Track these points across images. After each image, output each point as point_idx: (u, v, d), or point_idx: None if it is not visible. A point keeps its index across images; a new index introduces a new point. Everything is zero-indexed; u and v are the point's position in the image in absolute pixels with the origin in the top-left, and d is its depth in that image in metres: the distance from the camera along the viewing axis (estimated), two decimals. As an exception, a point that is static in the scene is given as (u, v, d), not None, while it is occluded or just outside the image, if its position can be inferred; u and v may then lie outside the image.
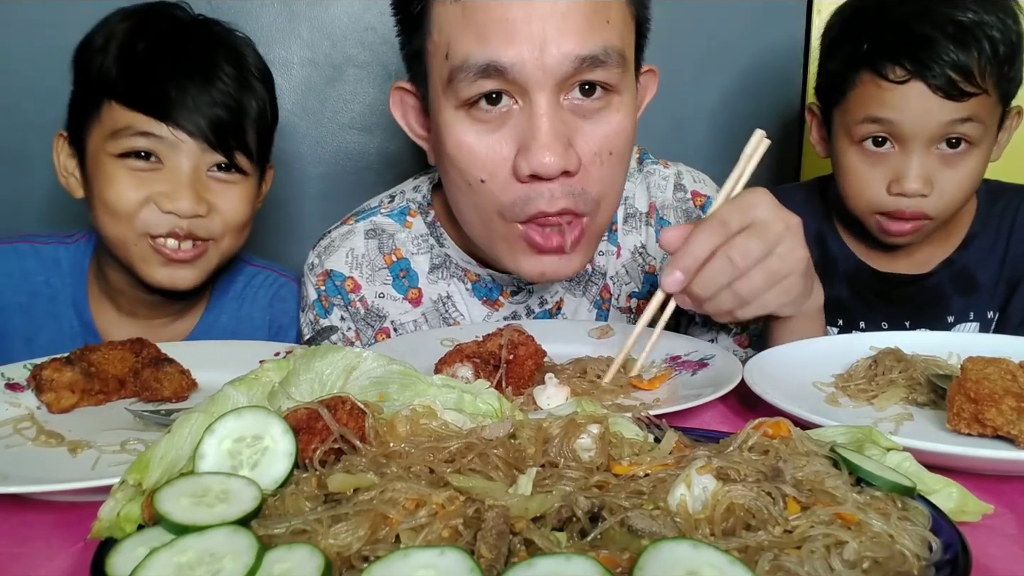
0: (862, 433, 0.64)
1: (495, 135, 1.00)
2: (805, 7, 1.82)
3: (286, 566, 0.46)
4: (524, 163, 0.97)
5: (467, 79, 0.98)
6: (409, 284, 1.24)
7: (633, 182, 1.28)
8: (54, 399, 0.91)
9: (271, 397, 0.66)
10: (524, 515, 0.51)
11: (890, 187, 1.28)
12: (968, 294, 1.42)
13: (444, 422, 0.64)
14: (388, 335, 1.23)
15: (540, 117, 0.97)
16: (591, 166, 1.01)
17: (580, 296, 1.26)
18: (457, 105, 1.01)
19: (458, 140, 1.02)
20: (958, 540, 0.51)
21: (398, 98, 1.16)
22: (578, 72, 0.98)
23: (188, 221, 1.17)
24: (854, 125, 1.29)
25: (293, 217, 1.77)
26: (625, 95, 1.04)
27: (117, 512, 0.55)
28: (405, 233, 1.25)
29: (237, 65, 1.22)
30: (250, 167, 1.24)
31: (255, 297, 1.39)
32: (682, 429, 0.66)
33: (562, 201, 1.00)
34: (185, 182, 1.16)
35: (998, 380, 0.75)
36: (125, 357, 0.98)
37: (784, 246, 0.90)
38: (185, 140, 1.16)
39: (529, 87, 0.97)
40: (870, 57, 1.26)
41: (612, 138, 1.02)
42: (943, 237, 1.42)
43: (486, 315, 1.25)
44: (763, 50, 1.83)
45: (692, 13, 1.78)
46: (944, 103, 1.22)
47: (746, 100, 1.85)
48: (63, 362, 0.94)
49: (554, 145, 0.96)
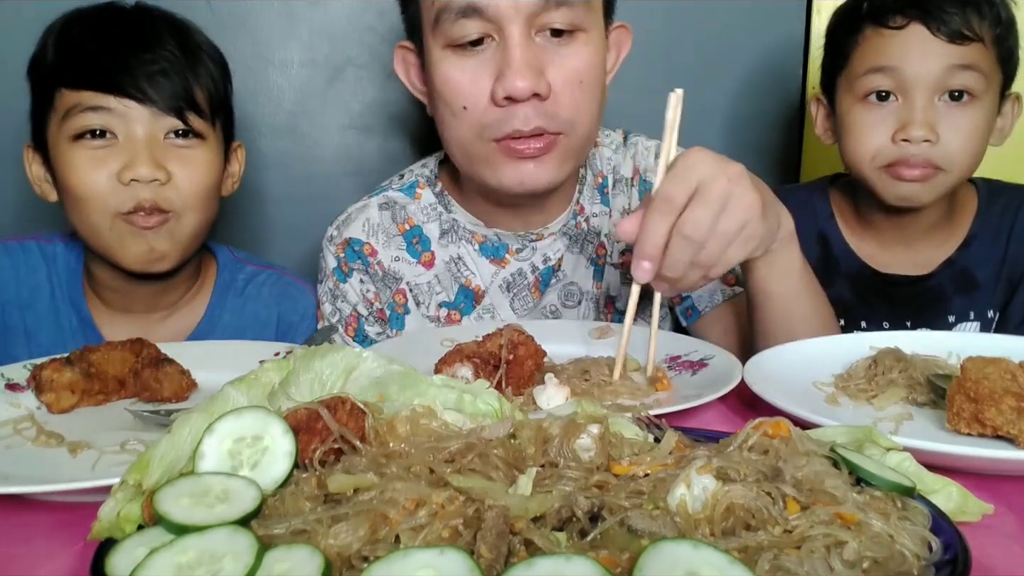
0: (862, 433, 0.64)
1: (475, 68, 1.13)
2: (804, 7, 1.82)
3: (286, 566, 0.46)
4: (500, 87, 1.10)
5: (449, 19, 1.11)
6: (422, 249, 1.34)
7: (620, 155, 1.38)
8: (54, 399, 0.91)
9: (271, 397, 0.66)
10: (524, 515, 0.51)
11: (895, 137, 1.29)
12: (969, 294, 1.42)
13: (444, 422, 0.64)
14: (404, 295, 1.33)
15: (513, 48, 1.09)
16: (561, 93, 1.12)
17: (578, 254, 1.35)
18: (444, 45, 1.13)
19: (445, 75, 1.15)
20: (958, 540, 0.51)
21: (400, 57, 1.27)
22: (545, 9, 1.10)
23: (151, 191, 1.18)
24: (857, 80, 1.32)
25: (293, 217, 1.77)
26: (592, 32, 1.15)
27: (117, 512, 0.55)
28: (415, 204, 1.35)
29: (181, 38, 1.23)
30: (208, 130, 1.24)
31: (259, 294, 1.39)
32: (682, 429, 0.66)
33: (535, 120, 1.11)
34: (141, 148, 1.17)
35: (998, 380, 0.75)
36: (125, 357, 0.98)
37: (732, 200, 0.91)
38: (133, 107, 1.17)
39: (503, 23, 1.09)
40: (872, 12, 1.31)
41: (581, 69, 1.14)
42: (944, 237, 1.42)
43: (494, 272, 1.33)
44: (763, 50, 1.83)
45: (692, 13, 1.78)
46: (944, 46, 1.25)
47: (745, 100, 1.85)
48: (63, 362, 0.94)
49: (526, 71, 1.09)
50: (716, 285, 1.29)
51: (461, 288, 1.32)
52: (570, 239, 1.34)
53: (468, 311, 1.33)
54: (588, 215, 1.34)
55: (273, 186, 1.76)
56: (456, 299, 1.33)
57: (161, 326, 1.34)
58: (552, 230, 1.32)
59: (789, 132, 1.88)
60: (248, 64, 1.70)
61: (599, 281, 1.34)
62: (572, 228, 1.33)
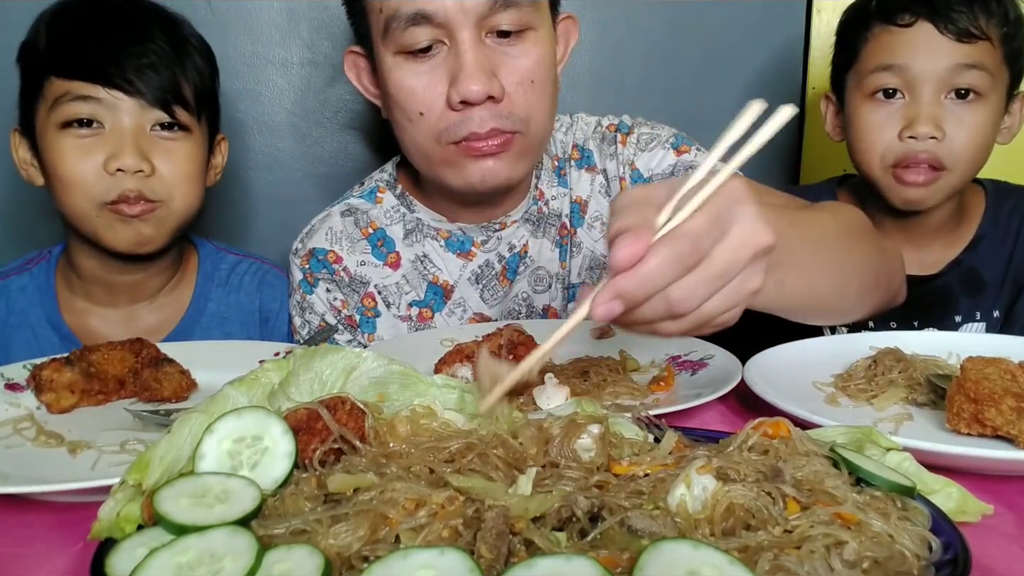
0: (862, 433, 0.64)
1: (429, 74, 1.13)
2: (805, 8, 1.82)
3: (286, 566, 0.46)
4: (455, 92, 1.11)
5: (399, 27, 1.12)
6: (387, 250, 1.34)
7: (568, 135, 1.39)
8: (54, 399, 0.91)
9: (271, 397, 0.66)
10: (524, 515, 0.51)
11: (901, 134, 1.30)
12: (975, 294, 1.42)
13: (445, 422, 0.64)
14: (373, 299, 1.32)
15: (465, 52, 1.10)
16: (515, 93, 1.14)
17: (542, 238, 1.35)
18: (395, 51, 1.14)
19: (399, 82, 1.15)
20: (958, 540, 0.51)
21: (351, 62, 1.28)
22: (493, 11, 1.11)
23: (136, 182, 1.19)
24: (866, 78, 1.33)
25: (293, 217, 1.75)
26: (541, 30, 1.17)
27: (117, 512, 0.55)
28: (377, 208, 1.36)
29: (171, 31, 1.25)
30: (193, 123, 1.26)
31: (241, 284, 1.41)
32: (682, 429, 0.66)
33: (490, 123, 1.13)
34: (128, 139, 1.19)
35: (998, 380, 0.75)
36: (125, 357, 0.98)
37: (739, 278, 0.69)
38: (122, 99, 1.18)
39: (453, 28, 1.10)
40: (881, 9, 1.32)
41: (533, 68, 1.15)
42: (952, 238, 1.43)
43: (461, 266, 1.33)
44: (763, 50, 1.83)
45: (692, 14, 1.78)
46: (951, 44, 1.26)
47: (746, 101, 1.84)
48: (63, 362, 0.94)
49: (479, 74, 1.10)
50: None
51: (430, 285, 1.32)
52: (533, 224, 1.35)
53: (439, 308, 1.33)
54: (547, 199, 1.35)
55: (273, 186, 1.76)
56: (426, 297, 1.33)
57: (147, 317, 1.36)
58: (514, 217, 1.33)
59: (789, 132, 1.88)
60: (248, 64, 1.70)
61: (564, 260, 1.35)
62: (534, 213, 1.34)
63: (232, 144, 1.69)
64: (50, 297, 1.34)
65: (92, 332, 1.33)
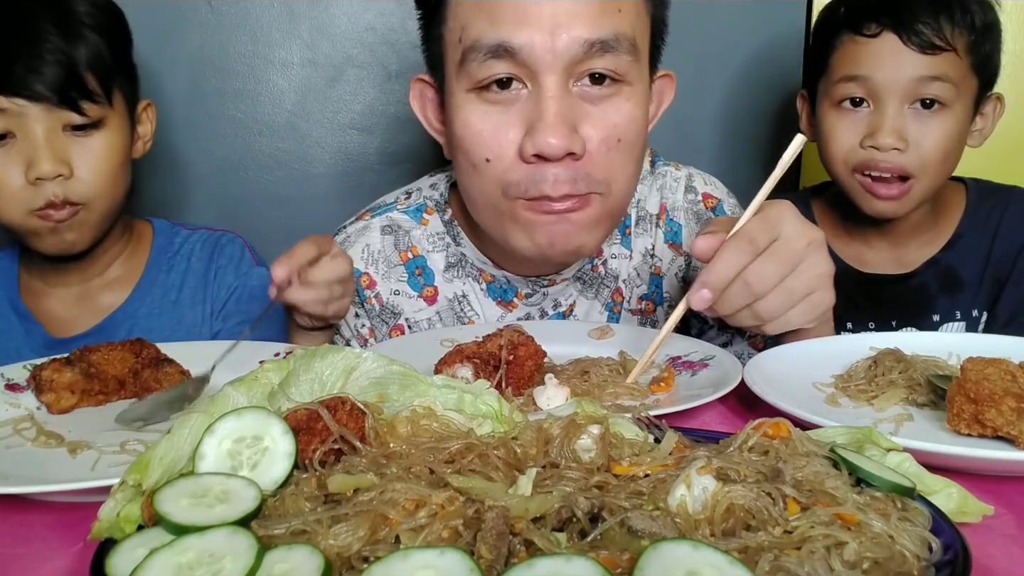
0: (862, 434, 0.64)
1: (503, 116, 1.02)
2: (805, 6, 1.82)
3: (286, 566, 0.46)
4: (530, 143, 0.99)
5: (478, 59, 1.00)
6: (425, 282, 1.25)
7: (645, 185, 1.28)
8: (54, 399, 0.91)
9: (271, 398, 0.66)
10: (524, 515, 0.51)
11: (863, 141, 1.32)
12: (953, 293, 1.43)
13: (445, 421, 0.64)
14: (403, 332, 1.24)
15: (548, 100, 0.98)
16: (597, 153, 1.02)
17: (592, 299, 1.27)
18: (468, 87, 1.03)
19: (466, 121, 1.04)
20: (958, 540, 0.51)
21: (418, 91, 1.18)
22: (588, 56, 0.99)
23: (58, 186, 1.21)
24: (832, 87, 1.35)
25: (293, 217, 1.77)
26: (636, 86, 1.05)
27: (117, 512, 0.55)
28: (421, 230, 1.25)
29: (60, 20, 1.22)
30: (106, 113, 1.25)
31: (192, 251, 1.44)
32: (682, 429, 0.66)
33: (566, 186, 1.01)
34: (41, 145, 1.19)
35: (998, 381, 0.75)
36: (125, 358, 0.98)
37: (806, 263, 0.90)
38: (26, 106, 1.18)
39: (538, 70, 0.98)
40: (849, 18, 1.33)
41: (621, 126, 1.03)
42: (930, 236, 1.44)
43: (500, 316, 1.25)
44: (763, 49, 1.83)
45: (692, 12, 1.78)
46: (915, 57, 1.27)
47: (746, 99, 1.85)
48: (63, 362, 0.94)
49: (560, 127, 0.98)
50: (743, 349, 1.25)
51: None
52: (584, 284, 1.25)
53: None
54: (606, 258, 1.26)
55: (273, 186, 1.76)
56: None
57: (100, 296, 1.39)
58: (566, 275, 1.23)
59: (789, 130, 1.88)
60: (248, 64, 1.70)
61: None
62: (588, 272, 1.25)
63: (232, 144, 1.70)
64: (12, 281, 1.38)
65: (48, 312, 1.37)
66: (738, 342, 1.26)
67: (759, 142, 1.87)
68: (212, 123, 1.72)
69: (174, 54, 1.67)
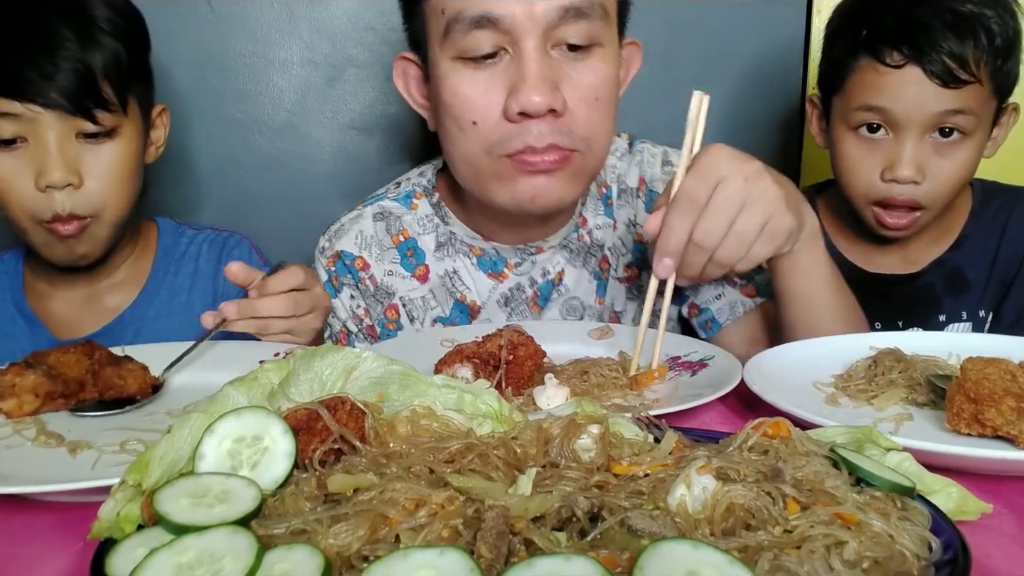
0: (862, 433, 0.64)
1: (487, 82, 1.08)
2: (805, 7, 1.82)
3: (286, 566, 0.46)
4: (514, 102, 1.05)
5: (461, 30, 1.06)
6: (416, 262, 1.31)
7: (625, 162, 1.34)
8: (15, 405, 0.88)
9: (271, 397, 0.66)
10: (524, 515, 0.51)
11: (883, 174, 1.30)
12: (959, 294, 1.42)
13: (445, 421, 0.64)
14: (397, 311, 1.30)
15: (529, 61, 1.05)
16: (577, 110, 1.08)
17: (580, 267, 1.31)
18: (453, 57, 1.09)
19: (453, 88, 1.09)
20: (958, 540, 0.51)
21: (401, 69, 1.23)
22: (563, 21, 1.05)
23: (67, 197, 1.19)
24: (850, 112, 1.32)
25: (293, 217, 1.76)
26: (608, 48, 1.12)
27: (117, 512, 0.55)
28: (411, 215, 1.32)
29: (78, 24, 1.20)
30: (120, 121, 1.23)
31: (199, 253, 1.43)
32: (682, 429, 0.66)
33: (549, 137, 1.07)
34: (54, 152, 1.17)
35: (998, 380, 0.75)
36: (79, 359, 0.95)
37: (751, 199, 0.94)
38: (41, 112, 1.16)
39: (518, 35, 1.05)
40: (870, 42, 1.29)
41: (597, 85, 1.10)
42: (936, 236, 1.43)
43: (492, 287, 1.30)
44: (763, 50, 1.83)
45: (692, 13, 1.78)
46: (938, 91, 1.25)
47: (746, 100, 1.85)
48: (23, 366, 0.90)
49: (541, 85, 1.04)
50: (736, 297, 1.28)
51: (456, 303, 1.29)
52: (571, 252, 1.31)
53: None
54: (591, 227, 1.31)
55: (273, 186, 1.76)
56: (451, 314, 1.30)
57: (107, 297, 1.37)
58: (552, 243, 1.29)
59: (789, 133, 1.89)
60: (248, 64, 1.70)
61: (602, 296, 1.32)
62: (574, 241, 1.30)
63: (232, 144, 1.69)
64: (17, 282, 1.37)
65: (53, 314, 1.35)
66: (730, 292, 1.28)
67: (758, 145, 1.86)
68: (212, 123, 1.72)
69: (174, 54, 1.66)
